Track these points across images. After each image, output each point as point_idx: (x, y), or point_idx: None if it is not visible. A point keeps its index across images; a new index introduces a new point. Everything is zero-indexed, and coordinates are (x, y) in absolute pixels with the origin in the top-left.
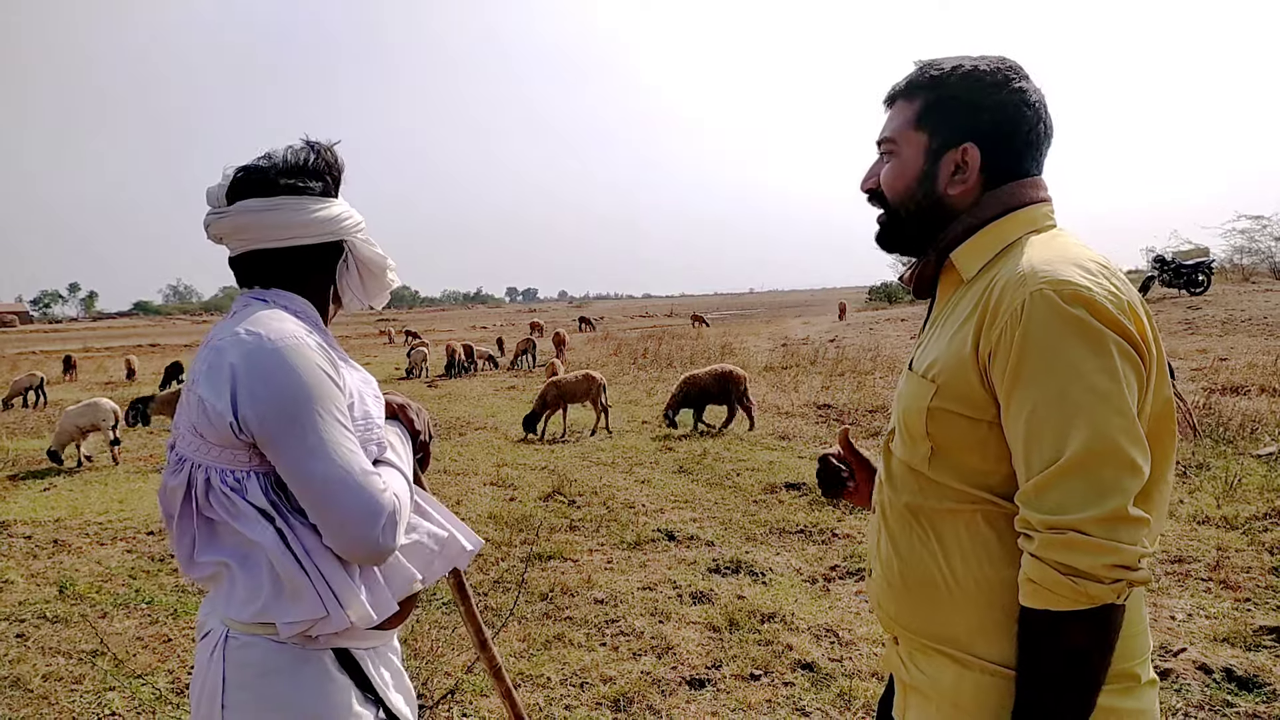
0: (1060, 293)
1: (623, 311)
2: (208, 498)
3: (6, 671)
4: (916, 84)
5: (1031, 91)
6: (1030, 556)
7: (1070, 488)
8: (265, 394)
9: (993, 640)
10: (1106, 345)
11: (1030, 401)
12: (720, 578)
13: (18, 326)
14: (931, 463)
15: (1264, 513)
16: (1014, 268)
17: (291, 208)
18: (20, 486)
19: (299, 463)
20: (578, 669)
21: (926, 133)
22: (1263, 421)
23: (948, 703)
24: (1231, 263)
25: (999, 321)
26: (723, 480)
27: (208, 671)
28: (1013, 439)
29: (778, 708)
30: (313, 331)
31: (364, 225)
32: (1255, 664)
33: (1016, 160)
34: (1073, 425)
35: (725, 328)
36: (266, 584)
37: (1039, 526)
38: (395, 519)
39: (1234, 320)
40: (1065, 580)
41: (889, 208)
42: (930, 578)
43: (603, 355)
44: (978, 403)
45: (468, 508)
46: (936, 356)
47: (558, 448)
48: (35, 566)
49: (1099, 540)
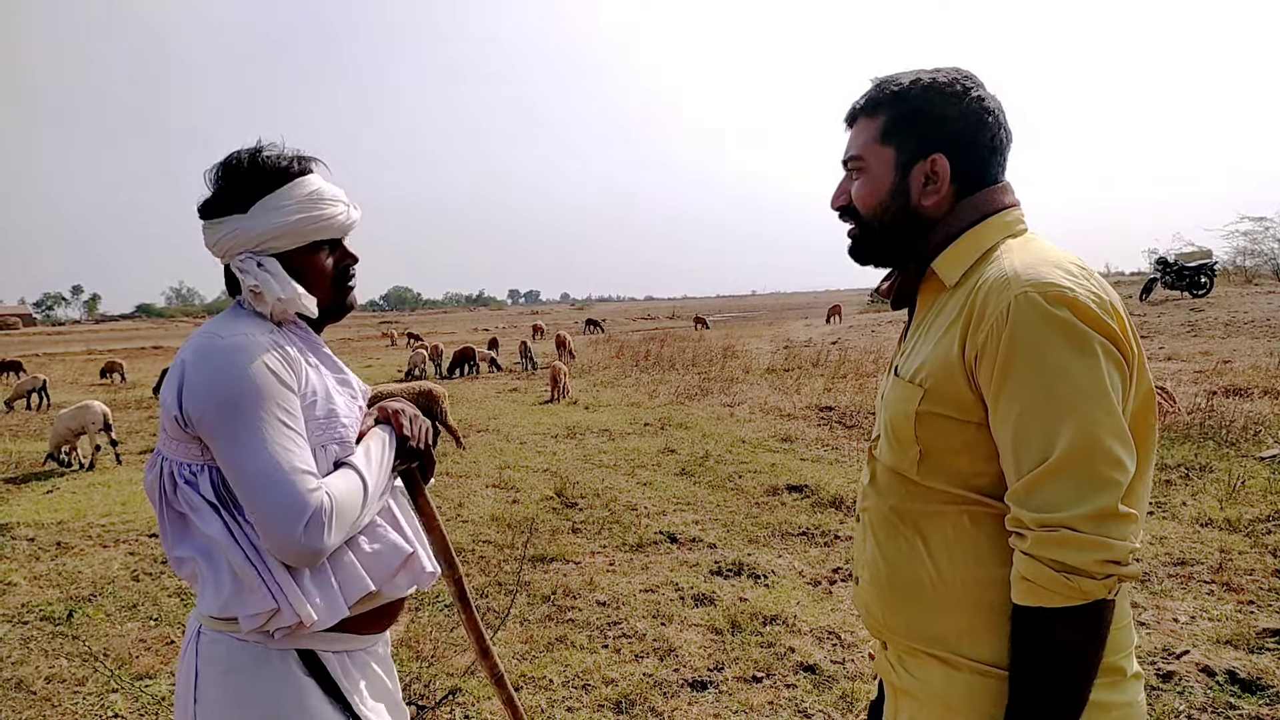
0: (1045, 295)
1: (625, 313)
2: (175, 492)
3: (10, 673)
4: (877, 101)
5: (989, 99)
6: (1023, 554)
7: (1060, 486)
8: (206, 390)
9: (981, 640)
10: (1091, 345)
11: (1018, 402)
12: (722, 580)
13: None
14: (920, 466)
15: (1267, 515)
16: (997, 272)
17: (212, 230)
18: (23, 489)
19: (232, 457)
20: (580, 671)
21: (894, 147)
22: (1266, 424)
23: (939, 704)
24: (1234, 265)
25: (985, 324)
26: (725, 483)
27: (183, 667)
28: (1001, 439)
29: (780, 710)
30: (277, 332)
31: (268, 236)
32: (1258, 666)
33: (983, 167)
34: (1061, 424)
35: (727, 329)
36: (228, 579)
37: (1031, 524)
38: (323, 519)
39: (1236, 322)
40: (1059, 577)
41: (862, 222)
42: (917, 580)
43: (605, 357)
44: (965, 405)
45: (470, 510)
46: (923, 361)
47: (559, 449)
48: (38, 569)
49: (1090, 536)
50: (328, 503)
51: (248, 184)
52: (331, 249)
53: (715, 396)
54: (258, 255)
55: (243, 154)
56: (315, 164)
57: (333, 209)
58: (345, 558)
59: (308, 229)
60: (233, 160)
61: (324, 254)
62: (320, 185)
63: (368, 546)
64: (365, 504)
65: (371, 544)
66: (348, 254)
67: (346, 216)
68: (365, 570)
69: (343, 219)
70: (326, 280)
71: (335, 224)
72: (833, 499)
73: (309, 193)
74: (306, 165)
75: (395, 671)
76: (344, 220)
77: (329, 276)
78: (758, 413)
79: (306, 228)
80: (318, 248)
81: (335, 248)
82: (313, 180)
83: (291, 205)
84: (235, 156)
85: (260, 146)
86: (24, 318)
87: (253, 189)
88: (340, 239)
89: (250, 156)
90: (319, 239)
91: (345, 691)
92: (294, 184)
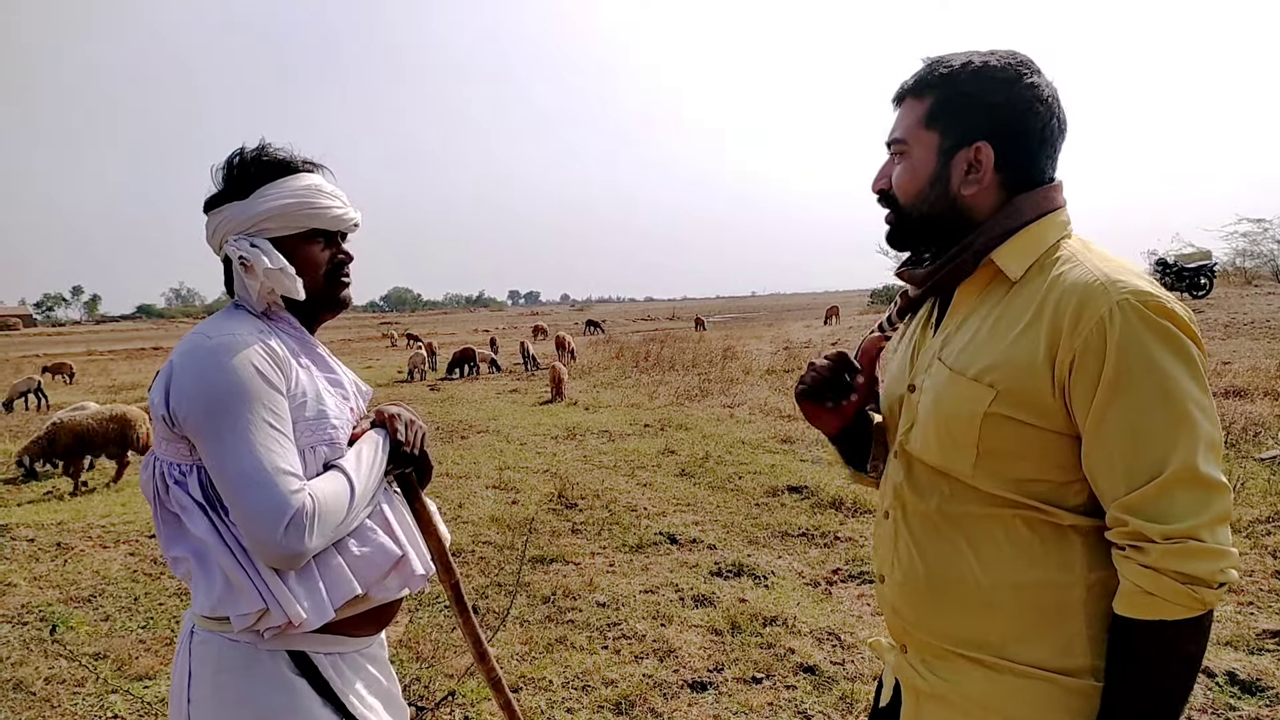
0: (1146, 304)
1: (625, 314)
2: (167, 492)
3: (9, 674)
4: (926, 82)
5: (1044, 86)
6: (1142, 568)
7: (1184, 497)
8: (192, 390)
9: (1033, 644)
10: (1193, 355)
11: (1130, 412)
12: (722, 581)
13: (21, 330)
14: (976, 468)
15: (1267, 516)
16: (1083, 275)
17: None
18: (23, 490)
19: (215, 458)
20: (580, 672)
21: (938, 132)
22: (1266, 425)
23: (976, 708)
24: (1233, 266)
25: (1080, 330)
26: (725, 483)
27: (177, 665)
28: (1106, 449)
29: (779, 711)
30: (267, 332)
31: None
32: (1258, 667)
33: (1030, 158)
34: (1179, 435)
35: (727, 330)
36: (219, 579)
37: (1156, 537)
38: (304, 521)
39: (1236, 324)
40: (1185, 589)
41: (899, 209)
42: (961, 582)
43: (605, 358)
44: (1045, 411)
45: (470, 511)
46: (994, 361)
47: (559, 450)
48: (38, 570)
49: (1213, 545)
50: (310, 505)
51: (250, 174)
52: (328, 243)
53: (715, 397)
54: (251, 236)
55: (248, 149)
56: (321, 170)
57: (330, 201)
58: (333, 560)
59: (302, 213)
60: (237, 154)
61: (319, 245)
62: (320, 181)
63: (356, 549)
64: (351, 507)
65: (360, 547)
66: (343, 250)
67: (344, 212)
68: (353, 573)
69: (339, 212)
70: (319, 272)
71: (330, 214)
72: (833, 500)
73: (307, 184)
74: (310, 166)
75: (394, 672)
76: (340, 214)
77: (322, 269)
78: (758, 414)
79: (301, 211)
80: (313, 238)
81: (331, 242)
82: (314, 177)
83: (289, 192)
84: (239, 151)
85: (265, 145)
86: (24, 318)
87: (254, 178)
88: (336, 235)
89: (255, 152)
90: (313, 226)
91: (338, 691)
92: (295, 176)
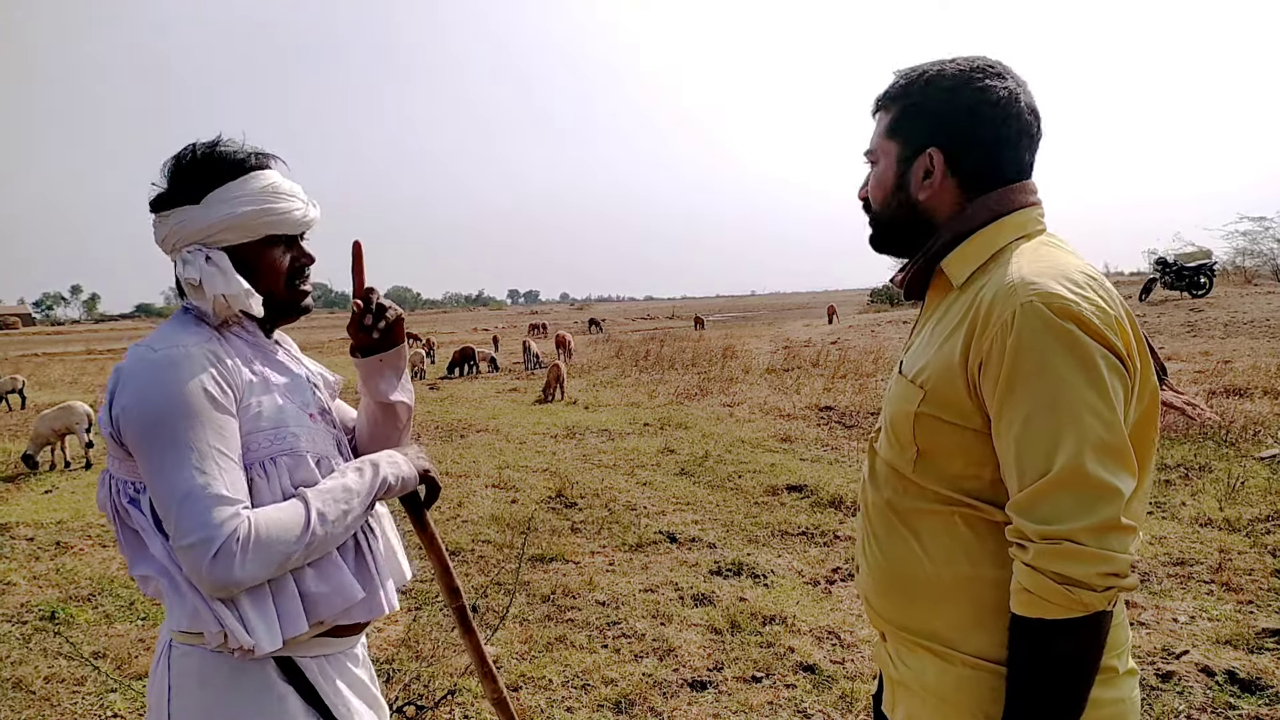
0: (1050, 306)
1: (624, 313)
2: (126, 509)
3: (9, 673)
4: (890, 94)
5: (997, 89)
6: (1024, 566)
7: (1063, 499)
8: (134, 409)
9: (972, 635)
10: (1094, 359)
11: (1021, 413)
12: (722, 580)
13: (20, 329)
14: (916, 466)
15: (1267, 515)
16: (1003, 277)
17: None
18: (22, 489)
19: (150, 477)
20: (579, 671)
21: (898, 141)
22: (1265, 424)
23: (932, 696)
24: (1234, 265)
25: (989, 332)
26: (724, 482)
27: (154, 680)
28: (1003, 449)
29: (779, 710)
30: (217, 340)
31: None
32: (1258, 666)
33: (986, 161)
34: (1064, 437)
35: (727, 330)
36: (190, 596)
37: (1034, 536)
38: (234, 549)
39: (1236, 322)
40: (1061, 589)
41: (871, 214)
42: (912, 574)
43: (605, 357)
44: (964, 411)
45: (470, 510)
46: (926, 362)
47: (559, 449)
48: (37, 569)
49: (1092, 549)
50: (245, 531)
51: (201, 176)
52: (288, 246)
53: (715, 396)
54: (207, 248)
55: (198, 146)
56: (274, 161)
57: (289, 204)
58: (288, 588)
59: (260, 222)
60: (187, 153)
61: (279, 250)
62: (277, 180)
63: (314, 586)
64: (304, 539)
65: (319, 584)
66: (304, 253)
67: (303, 214)
68: (307, 609)
69: (299, 215)
70: (280, 279)
71: (290, 219)
72: (832, 499)
73: (264, 186)
74: (264, 161)
75: (372, 667)
76: (300, 217)
77: (282, 275)
78: (757, 413)
79: (259, 220)
80: (272, 244)
81: (291, 245)
82: (269, 175)
83: (245, 197)
84: (189, 149)
85: (217, 141)
86: (23, 317)
87: (206, 181)
88: (296, 237)
89: (206, 149)
90: (273, 234)
91: (324, 696)
92: (249, 177)
